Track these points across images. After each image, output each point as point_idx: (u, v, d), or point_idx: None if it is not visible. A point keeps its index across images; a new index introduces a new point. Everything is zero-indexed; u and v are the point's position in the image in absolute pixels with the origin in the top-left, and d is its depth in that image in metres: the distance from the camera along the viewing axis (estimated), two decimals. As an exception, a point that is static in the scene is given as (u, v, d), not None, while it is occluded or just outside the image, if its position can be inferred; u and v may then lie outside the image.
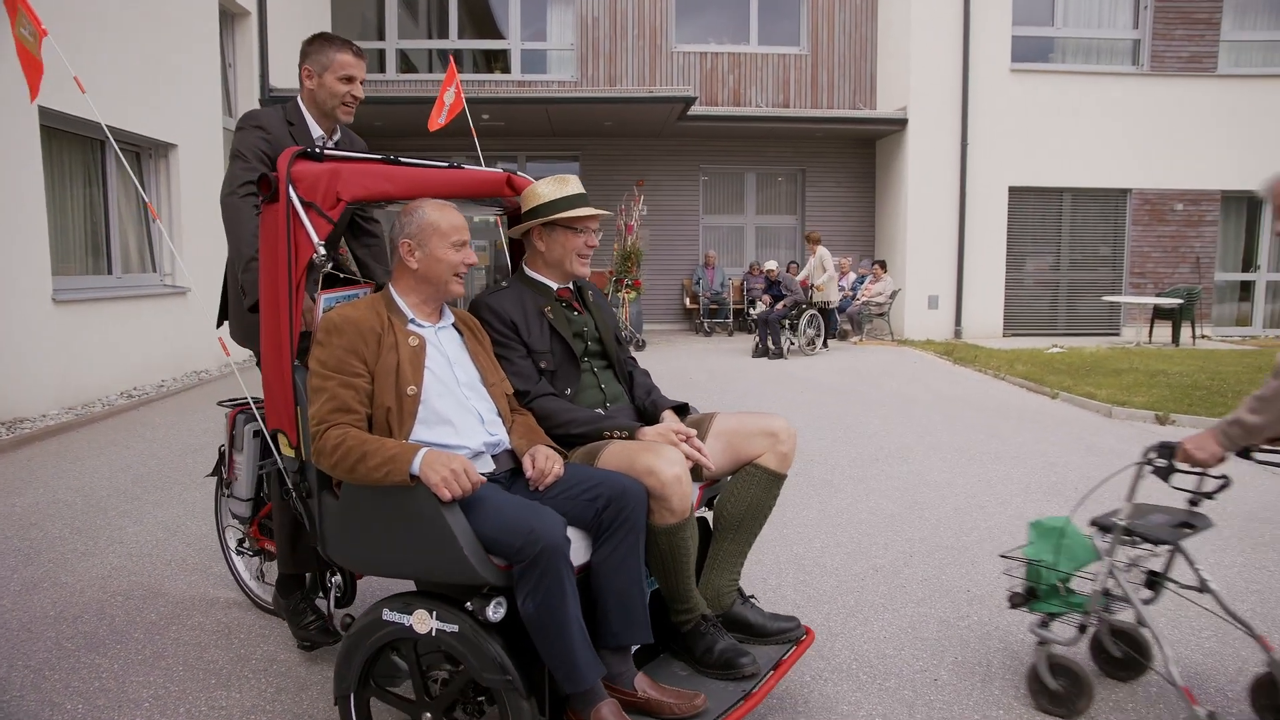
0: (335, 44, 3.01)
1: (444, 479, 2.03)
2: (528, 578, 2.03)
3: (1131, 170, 14.42)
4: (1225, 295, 15.30)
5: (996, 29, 13.98)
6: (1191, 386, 8.67)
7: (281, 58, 12.22)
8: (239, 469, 3.19)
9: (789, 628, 2.66)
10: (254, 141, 2.89)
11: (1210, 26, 14.37)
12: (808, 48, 15.50)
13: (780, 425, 2.70)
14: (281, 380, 2.38)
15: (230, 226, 2.78)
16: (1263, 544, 4.35)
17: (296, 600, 3.01)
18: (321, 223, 2.33)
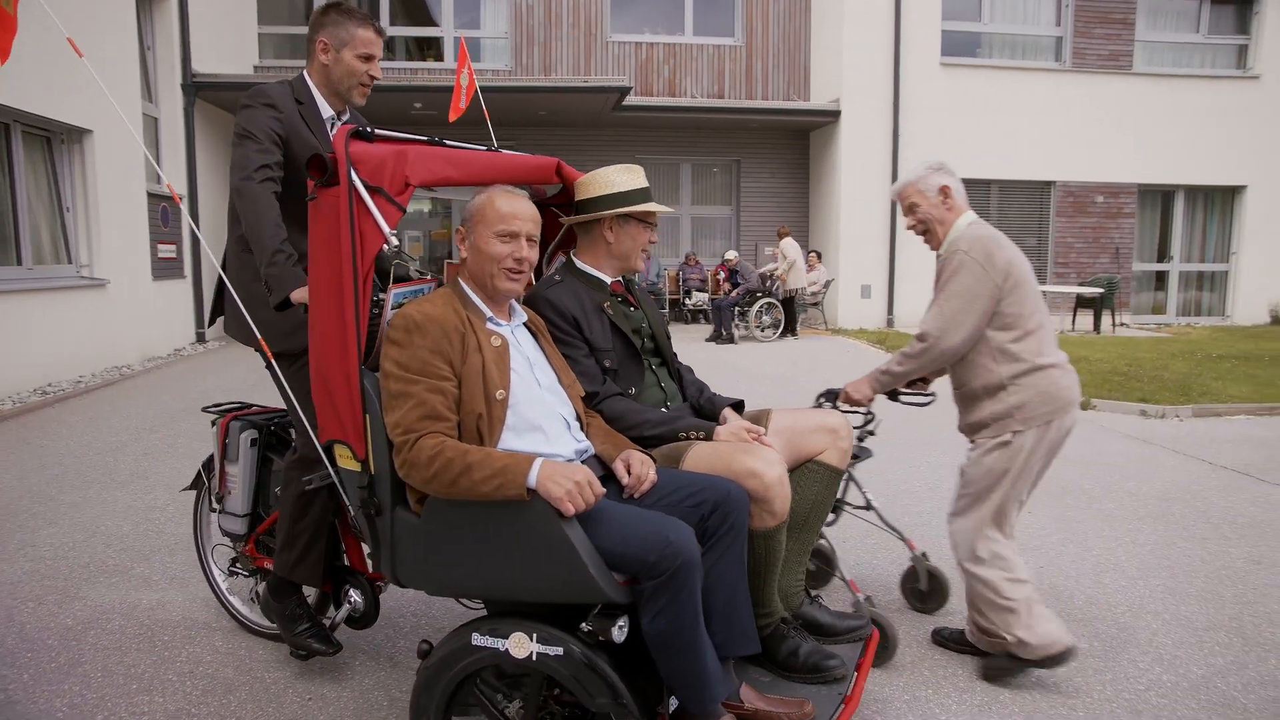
0: (356, 18, 2.73)
1: (568, 492, 1.86)
2: (661, 594, 1.89)
3: (1055, 164, 14.83)
4: (1143, 285, 15.86)
5: (926, 23, 14.22)
6: (1111, 372, 8.97)
7: (204, 41, 11.82)
8: (233, 482, 2.93)
9: (858, 625, 2.58)
10: (266, 121, 2.59)
11: (1126, 26, 14.85)
12: (742, 39, 15.57)
13: (839, 420, 2.67)
14: (348, 385, 2.11)
15: (249, 216, 2.46)
16: (1172, 523, 4.51)
17: (292, 605, 2.79)
18: (391, 210, 2.10)
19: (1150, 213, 15.66)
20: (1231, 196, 15.66)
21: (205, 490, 3.20)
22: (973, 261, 2.78)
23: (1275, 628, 3.26)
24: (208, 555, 3.26)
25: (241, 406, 3.11)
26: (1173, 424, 7.15)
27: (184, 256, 11.59)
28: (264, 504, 2.99)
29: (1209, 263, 15.95)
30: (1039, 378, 2.80)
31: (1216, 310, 16.02)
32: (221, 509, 3.00)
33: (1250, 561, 3.96)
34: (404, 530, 2.12)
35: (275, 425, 3.00)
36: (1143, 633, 3.22)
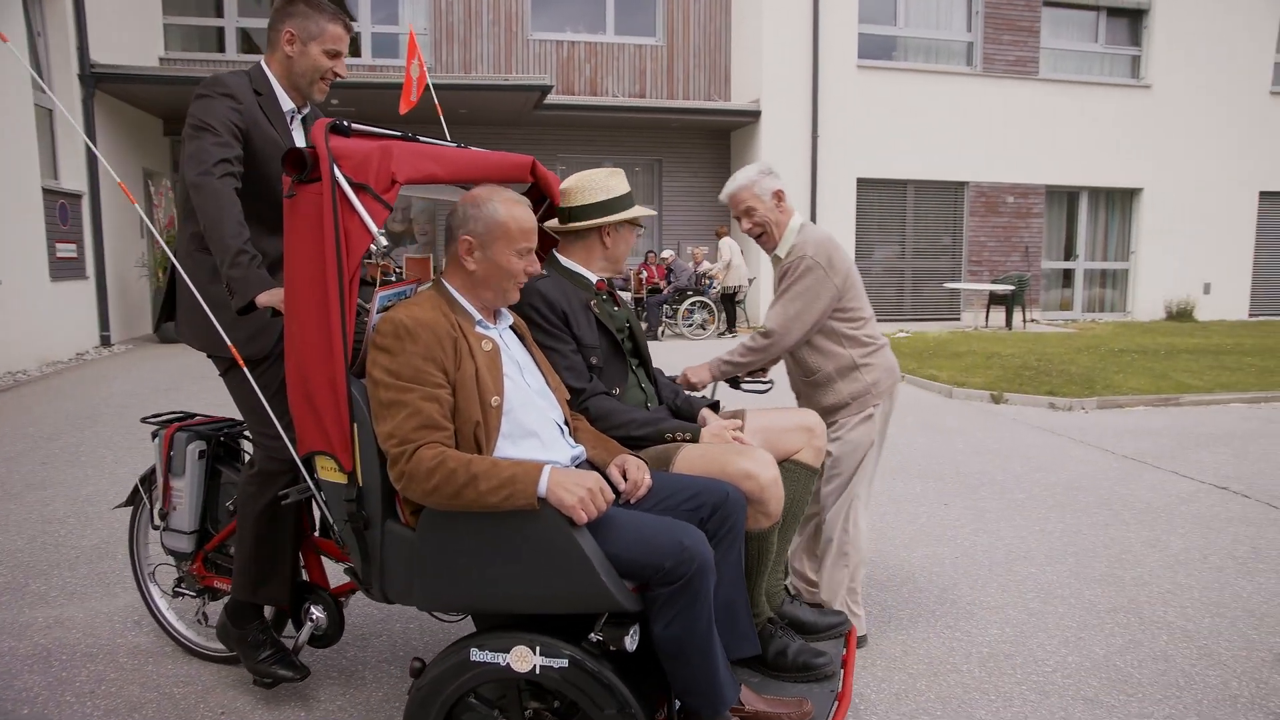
0: (327, 12, 2.60)
1: (581, 500, 1.81)
2: (676, 600, 1.86)
3: (968, 164, 15.29)
4: (1051, 282, 16.47)
5: (843, 26, 14.50)
6: (1022, 367, 9.28)
7: (102, 28, 11.31)
8: (178, 497, 2.76)
9: (837, 622, 2.60)
10: (224, 112, 2.42)
11: (1032, 34, 15.39)
12: (664, 39, 15.64)
13: (814, 420, 2.69)
14: (333, 394, 2.01)
15: (209, 213, 2.28)
16: (1078, 511, 4.69)
17: (254, 630, 2.63)
18: (377, 208, 2.00)
19: (1057, 213, 16.27)
20: (1130, 198, 16.39)
21: (143, 507, 3.02)
22: (817, 265, 2.96)
23: (1168, 607, 3.42)
24: (146, 576, 3.06)
25: (185, 416, 2.93)
26: (1079, 416, 7.44)
27: (85, 256, 11.08)
28: (212, 520, 2.83)
29: (1111, 261, 16.66)
30: (882, 355, 3.11)
31: (1118, 306, 16.74)
32: (165, 526, 2.81)
33: (1147, 545, 4.14)
34: (395, 544, 2.04)
35: (225, 436, 2.86)
36: (1051, 617, 3.33)
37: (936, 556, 3.99)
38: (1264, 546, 4.13)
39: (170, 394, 7.77)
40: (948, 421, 7.06)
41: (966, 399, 8.13)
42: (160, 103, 12.71)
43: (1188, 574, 3.77)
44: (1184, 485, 5.18)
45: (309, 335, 2.04)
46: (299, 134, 2.69)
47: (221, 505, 2.80)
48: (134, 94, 12.05)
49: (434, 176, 2.18)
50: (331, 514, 2.19)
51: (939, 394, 8.44)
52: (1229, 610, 3.40)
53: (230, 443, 2.89)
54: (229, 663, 2.85)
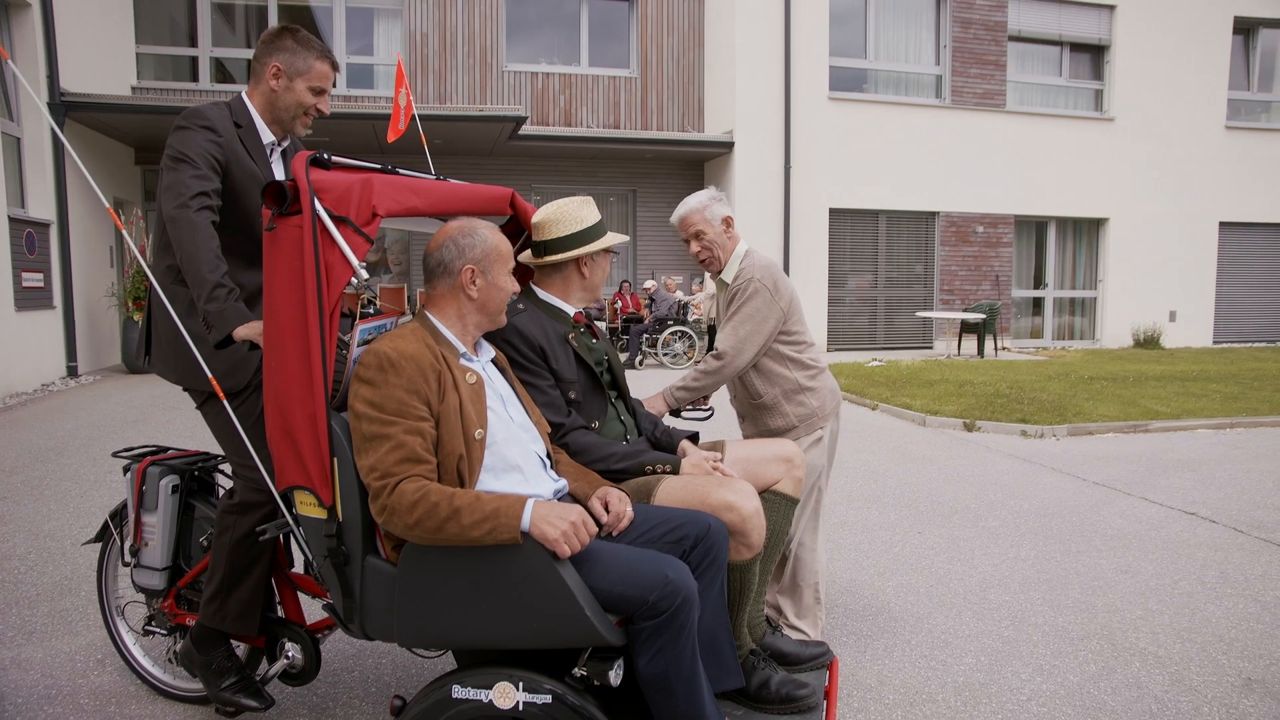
0: (315, 50, 2.60)
1: (564, 534, 1.80)
2: (661, 634, 1.84)
3: (938, 195, 15.52)
4: (1021, 310, 16.69)
5: (815, 59, 14.73)
6: (994, 395, 9.37)
7: (74, 56, 11.25)
8: (150, 533, 2.69)
9: (820, 653, 2.58)
10: (203, 144, 2.41)
11: (998, 68, 15.72)
12: (637, 71, 15.80)
13: (792, 450, 2.70)
14: (313, 428, 1.99)
15: (185, 246, 2.25)
16: (1051, 538, 4.72)
17: (219, 657, 2.58)
18: (358, 241, 1.99)
19: (1026, 242, 16.53)
20: (1097, 228, 16.69)
21: (113, 543, 2.94)
22: (764, 289, 3.05)
23: (1140, 633, 3.44)
24: (114, 614, 2.98)
25: (158, 450, 2.87)
26: (1050, 443, 7.51)
27: (53, 285, 10.93)
28: (185, 556, 2.76)
29: (1079, 289, 16.92)
30: (824, 378, 3.22)
31: (1088, 334, 16.97)
32: (136, 563, 2.74)
33: (1119, 571, 4.16)
34: (376, 579, 2.01)
35: (199, 470, 2.81)
36: (1024, 644, 3.34)
37: (911, 585, 3.99)
38: (1231, 571, 4.17)
39: (138, 426, 7.65)
40: (921, 450, 7.10)
41: (940, 427, 8.18)
42: (131, 132, 12.64)
43: (1158, 600, 3.79)
44: (1153, 511, 5.23)
45: (289, 369, 2.01)
46: (279, 167, 2.68)
47: (195, 541, 2.75)
48: (104, 123, 11.98)
49: (414, 209, 2.18)
50: (310, 549, 2.16)
51: (913, 422, 8.49)
52: (1198, 635, 3.42)
53: (204, 477, 2.83)
54: (200, 703, 2.78)
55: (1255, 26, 17.17)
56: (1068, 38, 16.19)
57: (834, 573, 4.12)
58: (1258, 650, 3.29)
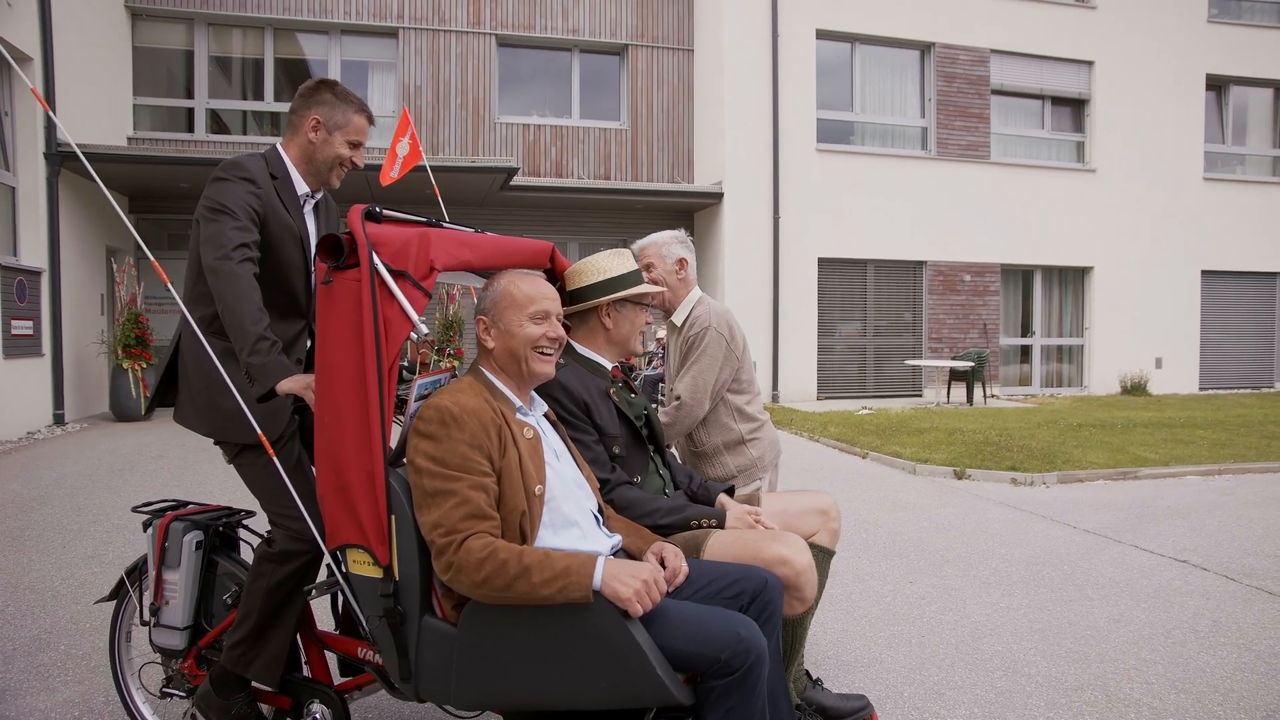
0: (354, 104, 2.63)
1: (637, 592, 1.78)
2: (732, 693, 1.80)
3: (925, 244, 15.69)
4: (1009, 358, 16.78)
5: (803, 112, 14.99)
6: (984, 442, 9.38)
7: (75, 109, 11.38)
8: (172, 591, 2.61)
9: (860, 706, 2.56)
10: (244, 196, 2.40)
11: (982, 120, 16.02)
12: (628, 123, 16.04)
13: (829, 502, 2.70)
14: (371, 485, 1.96)
15: (228, 299, 2.23)
16: (1042, 586, 4.69)
17: (239, 703, 2.50)
18: (417, 295, 1.98)
19: (1013, 291, 16.69)
20: (1082, 276, 16.88)
21: (128, 601, 2.84)
22: (719, 336, 3.09)
23: (1134, 684, 3.41)
24: (128, 676, 2.88)
25: (177, 505, 2.81)
26: (1040, 490, 7.51)
27: (42, 333, 10.91)
28: (207, 615, 2.68)
29: (1066, 337, 17.04)
30: (766, 429, 3.25)
31: (1075, 381, 17.06)
32: (156, 621, 2.66)
33: (1112, 620, 4.14)
34: (433, 639, 1.97)
35: (223, 526, 2.74)
36: (1018, 695, 3.30)
37: (903, 636, 3.96)
38: (1224, 620, 4.16)
39: (125, 475, 7.58)
40: (911, 498, 7.09)
41: (930, 475, 8.18)
42: (125, 181, 12.73)
43: (1152, 649, 3.77)
44: (1144, 559, 5.22)
45: (344, 425, 1.98)
46: (311, 220, 2.68)
47: (217, 599, 2.68)
48: (99, 172, 12.07)
49: (468, 263, 2.18)
50: (361, 609, 2.10)
51: (903, 470, 8.49)
52: (1194, 686, 3.39)
53: (229, 532, 2.77)
54: None
55: (1226, 83, 17.60)
56: (1048, 91, 16.54)
57: (825, 623, 4.08)
58: (1254, 701, 3.27)
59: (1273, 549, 5.46)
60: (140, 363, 11.78)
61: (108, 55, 13.08)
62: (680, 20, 16.09)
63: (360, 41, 15.13)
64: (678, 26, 16.09)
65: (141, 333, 11.94)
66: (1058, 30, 16.30)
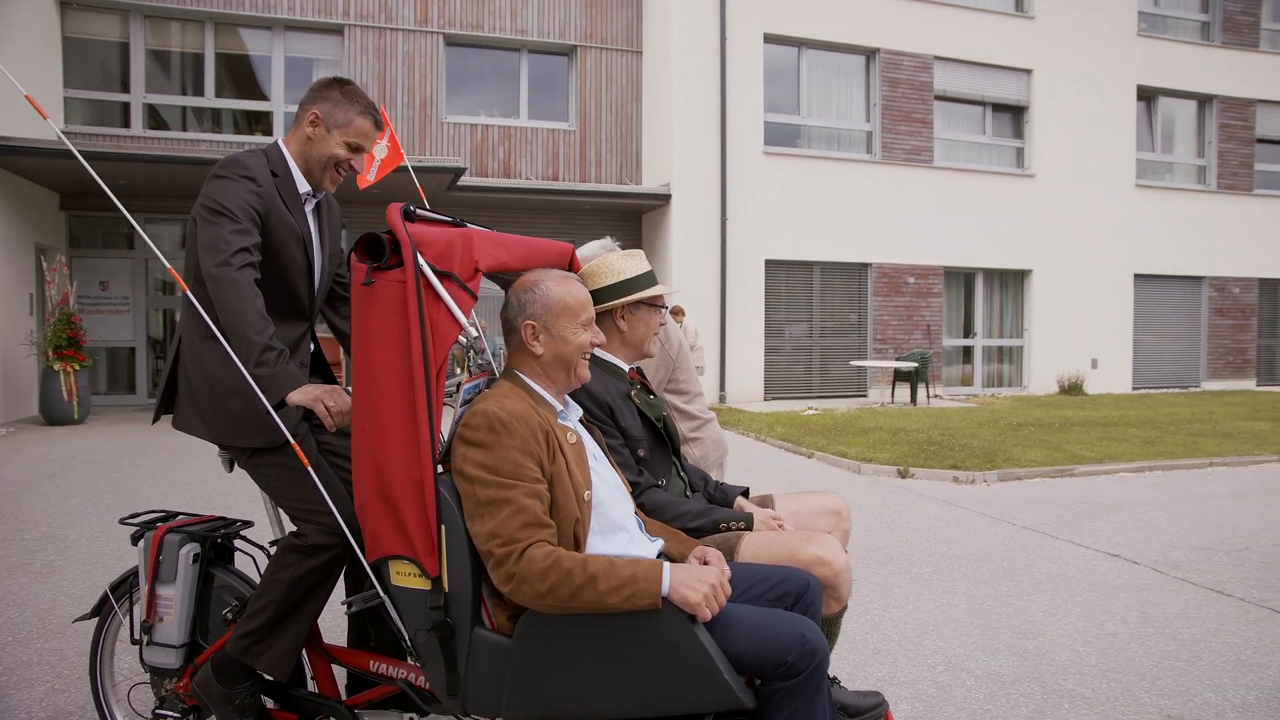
0: (360, 103, 2.52)
1: (706, 597, 1.76)
2: (797, 695, 1.79)
3: (870, 246, 15.94)
4: (951, 359, 17.13)
5: (750, 115, 15.12)
6: (927, 442, 9.56)
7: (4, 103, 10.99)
8: (167, 606, 2.48)
9: (876, 703, 2.57)
10: (245, 196, 2.29)
11: (926, 125, 16.34)
12: (576, 124, 16.02)
13: (840, 503, 2.71)
14: (419, 494, 1.89)
15: (231, 308, 2.13)
16: (982, 582, 4.80)
17: (243, 693, 2.38)
18: (464, 297, 1.93)
19: (956, 293, 17.04)
20: (1021, 279, 17.30)
21: (112, 619, 2.70)
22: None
23: (1068, 675, 3.51)
24: (113, 701, 2.73)
25: (168, 516, 2.68)
26: (981, 489, 7.68)
27: (-32, 336, 10.53)
28: (202, 630, 2.56)
29: (1007, 338, 17.46)
30: (709, 429, 3.27)
31: (1015, 381, 17.48)
32: (149, 640, 2.51)
33: (1047, 614, 4.26)
34: (484, 652, 1.91)
35: (221, 538, 2.62)
36: (958, 690, 3.38)
37: (847, 633, 4.01)
38: (1152, 611, 4.30)
39: (56, 480, 7.35)
40: (856, 497, 7.20)
41: (874, 474, 8.31)
42: (55, 177, 12.33)
43: (1085, 641, 3.88)
44: (1079, 554, 5.37)
45: (388, 432, 1.92)
46: (313, 220, 2.59)
47: (214, 614, 2.56)
48: (27, 167, 11.67)
49: (505, 265, 2.14)
50: (405, 623, 2.03)
51: (848, 470, 8.61)
52: (1122, 675, 3.51)
53: (226, 543, 2.65)
54: None
55: (1155, 94, 18.23)
56: (990, 98, 16.92)
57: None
58: (1176, 688, 3.39)
59: (1196, 542, 5.66)
60: (73, 364, 11.40)
61: (34, 45, 12.65)
62: (629, 22, 16.12)
63: (305, 38, 14.87)
64: (626, 28, 16.12)
65: (74, 334, 11.56)
66: (998, 39, 16.70)
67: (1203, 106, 18.76)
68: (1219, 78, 18.44)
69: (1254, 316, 19.10)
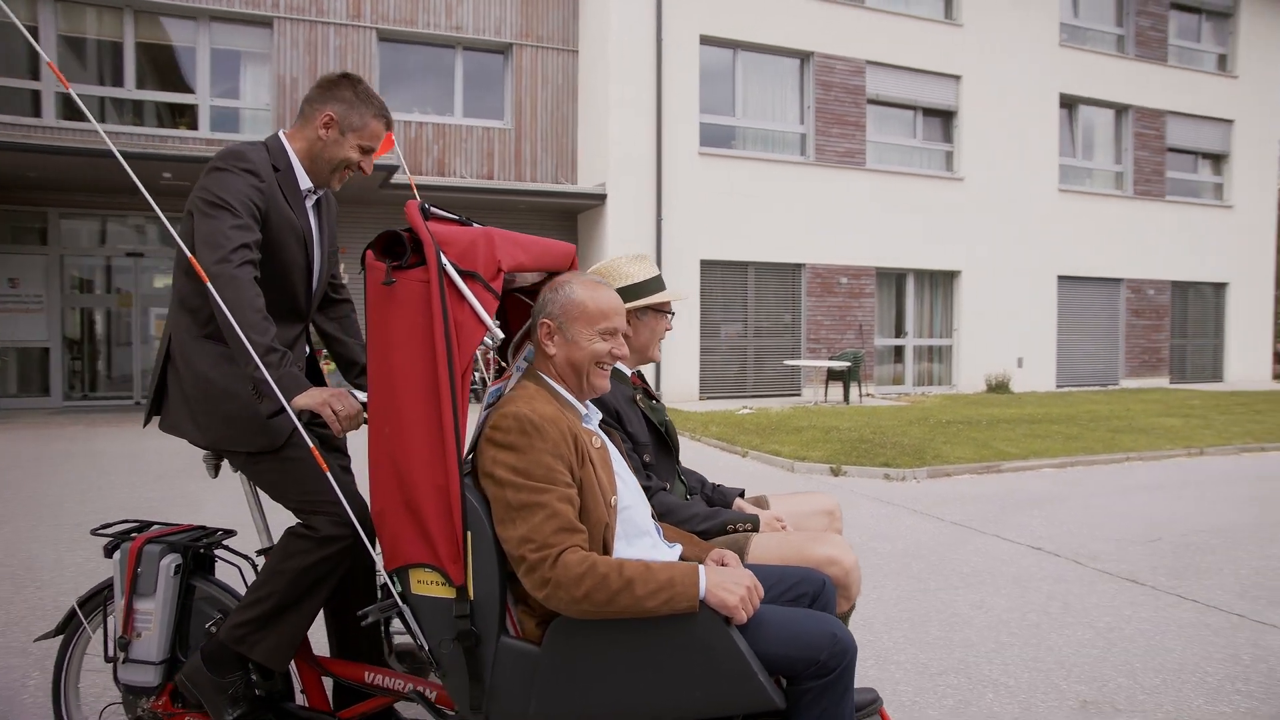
0: (374, 106, 2.45)
1: (742, 599, 1.76)
2: (827, 693, 1.81)
3: (804, 247, 16.17)
4: (883, 358, 17.48)
5: (686, 116, 15.21)
6: (859, 440, 9.73)
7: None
8: (145, 622, 2.34)
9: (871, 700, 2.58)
10: (245, 190, 2.21)
11: (858, 129, 16.64)
12: (511, 123, 15.91)
13: (833, 503, 2.75)
14: (444, 500, 1.84)
15: (231, 307, 2.04)
16: (912, 577, 4.91)
17: (236, 682, 2.28)
18: (488, 298, 1.87)
19: (887, 293, 17.39)
20: (951, 280, 17.74)
21: (80, 637, 2.54)
22: None
23: (993, 666, 3.61)
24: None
25: (142, 525, 2.53)
26: (911, 485, 7.85)
27: None
28: (183, 645, 2.42)
29: (937, 338, 17.88)
30: None
31: (945, 380, 17.92)
32: (125, 657, 2.36)
33: (973, 607, 4.37)
34: (511, 661, 1.87)
35: (204, 547, 2.49)
36: (888, 683, 3.44)
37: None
38: (1072, 601, 4.45)
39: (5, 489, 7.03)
40: (791, 494, 7.29)
41: (807, 472, 8.43)
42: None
43: (1009, 632, 4.00)
44: (1004, 548, 5.53)
45: (410, 437, 1.86)
46: (314, 217, 2.52)
47: (195, 628, 2.44)
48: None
49: (522, 264, 2.10)
50: (426, 633, 1.96)
51: (782, 468, 8.72)
52: (1043, 664, 3.62)
53: (208, 552, 2.52)
54: None
55: (1076, 102, 18.88)
56: (920, 103, 17.31)
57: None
58: (1092, 674, 3.51)
59: (1114, 534, 5.88)
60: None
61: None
62: (565, 21, 16.08)
63: (232, 30, 14.47)
64: (563, 27, 16.07)
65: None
66: (929, 45, 17.09)
67: (1119, 116, 19.50)
68: (1133, 89, 19.21)
69: (1167, 317, 19.94)
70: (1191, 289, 20.40)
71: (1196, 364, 20.68)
